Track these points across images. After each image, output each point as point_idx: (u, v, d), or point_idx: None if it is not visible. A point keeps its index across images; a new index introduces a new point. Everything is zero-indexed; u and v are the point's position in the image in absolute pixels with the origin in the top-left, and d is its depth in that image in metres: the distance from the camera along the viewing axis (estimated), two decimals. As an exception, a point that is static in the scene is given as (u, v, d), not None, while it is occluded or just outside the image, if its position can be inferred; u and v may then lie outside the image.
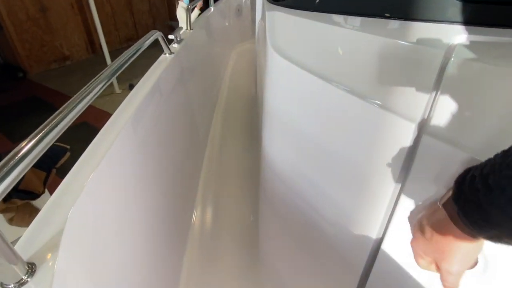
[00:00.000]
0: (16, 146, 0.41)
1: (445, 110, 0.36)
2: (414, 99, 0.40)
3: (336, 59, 0.53)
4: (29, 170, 0.41)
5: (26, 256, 0.41)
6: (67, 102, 0.53)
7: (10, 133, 2.81)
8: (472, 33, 0.37)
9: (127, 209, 0.67)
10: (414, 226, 0.39)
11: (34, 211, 1.43)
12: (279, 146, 0.76)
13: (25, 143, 0.41)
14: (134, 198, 0.70)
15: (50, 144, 0.45)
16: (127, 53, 0.82)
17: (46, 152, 0.44)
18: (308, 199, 0.67)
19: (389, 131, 0.44)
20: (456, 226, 0.31)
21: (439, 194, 0.37)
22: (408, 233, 0.43)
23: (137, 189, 0.72)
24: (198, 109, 1.51)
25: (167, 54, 1.14)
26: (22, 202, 1.38)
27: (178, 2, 2.47)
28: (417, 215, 0.39)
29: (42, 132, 0.44)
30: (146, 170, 0.78)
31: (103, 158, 0.57)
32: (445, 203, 0.33)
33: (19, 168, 0.39)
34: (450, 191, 0.32)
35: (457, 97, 0.35)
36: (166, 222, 0.92)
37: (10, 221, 1.37)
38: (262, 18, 1.00)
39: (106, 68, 0.71)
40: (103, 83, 0.65)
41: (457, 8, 0.38)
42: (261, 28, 1.03)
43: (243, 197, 1.34)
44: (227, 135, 1.75)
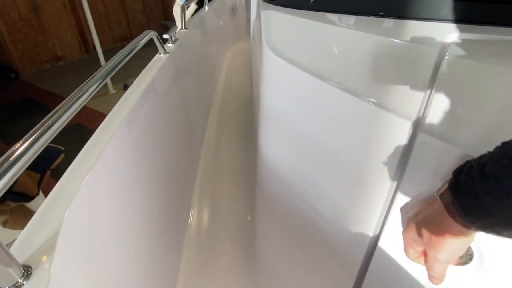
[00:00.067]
0: (9, 148, 0.41)
1: (440, 108, 0.36)
2: (409, 97, 0.40)
3: (331, 58, 0.53)
4: (23, 172, 0.40)
5: (21, 258, 0.41)
6: (61, 103, 0.53)
7: (3, 134, 2.77)
8: (465, 31, 0.37)
9: (123, 210, 0.66)
10: (409, 217, 0.39)
11: (29, 213, 1.41)
12: (276, 145, 0.76)
13: (19, 145, 0.41)
14: (130, 199, 0.70)
15: (45, 145, 0.44)
16: (122, 53, 0.81)
17: (40, 153, 0.44)
18: (304, 198, 0.67)
19: (385, 129, 0.44)
20: (450, 215, 0.31)
21: (436, 189, 0.37)
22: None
23: (133, 190, 0.72)
24: (193, 109, 1.51)
25: (162, 54, 1.14)
26: (16, 205, 1.37)
27: (175, 0, 2.45)
28: (412, 208, 0.39)
29: (37, 133, 0.43)
30: (141, 171, 0.78)
31: (98, 159, 0.57)
32: (441, 194, 0.33)
33: (13, 170, 0.38)
34: (447, 182, 0.33)
35: (451, 95, 0.35)
36: (163, 222, 0.92)
37: (4, 223, 1.35)
38: (257, 17, 1.00)
39: (100, 68, 0.71)
40: (98, 84, 0.64)
41: (450, 6, 0.38)
42: (256, 27, 1.03)
43: (240, 196, 1.34)
44: (223, 135, 1.74)
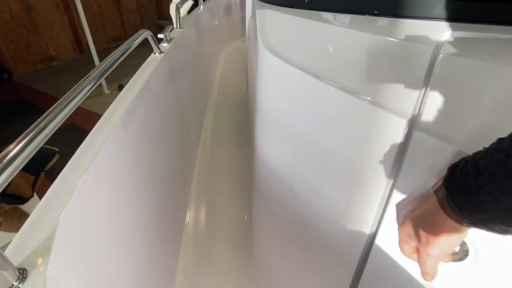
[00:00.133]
0: (3, 149, 0.40)
1: (434, 105, 0.37)
2: (404, 96, 0.40)
3: (327, 57, 0.53)
4: (17, 173, 0.40)
5: (16, 261, 0.40)
6: (56, 104, 0.52)
7: (-4, 135, 2.74)
8: (460, 29, 0.37)
9: (119, 211, 0.66)
10: (405, 213, 0.39)
11: (23, 216, 1.39)
12: (272, 144, 0.76)
13: (13, 146, 0.40)
14: (126, 200, 0.70)
15: (39, 147, 0.44)
16: (116, 53, 0.80)
17: (34, 155, 0.43)
18: (301, 196, 0.67)
19: (380, 127, 0.44)
20: (444, 211, 0.32)
21: (431, 186, 0.37)
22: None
23: (129, 190, 0.71)
24: (189, 108, 1.50)
25: (157, 54, 1.13)
26: (10, 207, 1.35)
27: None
28: (407, 204, 0.40)
29: (31, 134, 0.43)
30: (137, 172, 0.77)
31: (94, 160, 0.56)
32: (436, 190, 0.34)
33: (7, 171, 0.38)
34: (442, 179, 0.33)
35: (446, 92, 0.36)
36: (160, 223, 0.92)
37: (-2, 226, 1.34)
38: (253, 16, 1.00)
39: (95, 68, 0.70)
40: (92, 84, 0.64)
41: (444, 5, 0.39)
42: (251, 26, 1.03)
43: (236, 196, 1.34)
44: (219, 134, 1.74)
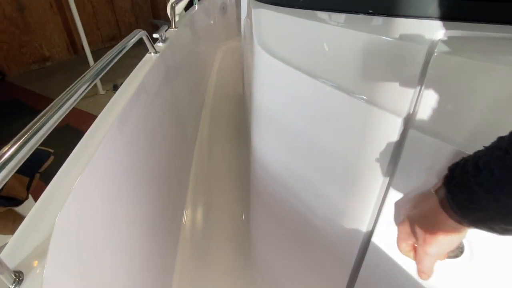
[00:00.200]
0: (-3, 151, 0.40)
1: (429, 104, 0.37)
2: (399, 94, 0.40)
3: (322, 56, 0.53)
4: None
5: (12, 264, 0.40)
6: (51, 105, 0.52)
7: (-10, 137, 2.71)
8: (454, 28, 0.38)
9: (116, 212, 0.66)
10: (404, 211, 0.39)
11: (18, 218, 1.38)
12: (269, 143, 0.76)
13: (7, 148, 0.40)
14: (122, 201, 0.69)
15: (34, 148, 0.43)
16: (111, 53, 0.80)
17: (29, 156, 0.43)
18: (298, 195, 0.68)
19: (376, 126, 0.44)
20: (444, 211, 0.31)
21: (430, 185, 0.37)
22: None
23: (125, 191, 0.71)
24: (185, 108, 1.50)
25: (152, 54, 1.12)
26: (4, 209, 1.34)
27: None
28: (407, 202, 0.39)
29: (25, 136, 0.42)
30: (134, 172, 0.77)
31: (90, 161, 0.56)
32: (437, 189, 0.34)
33: (2, 173, 0.37)
34: (443, 178, 0.33)
35: (440, 91, 0.36)
36: (157, 223, 0.91)
37: (-8, 229, 1.32)
38: (248, 16, 0.99)
39: (90, 68, 0.70)
40: (87, 84, 0.63)
41: (439, 4, 0.39)
42: (247, 26, 1.03)
43: (234, 195, 1.34)
44: (215, 134, 1.74)
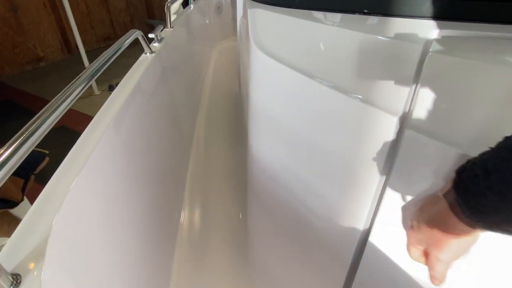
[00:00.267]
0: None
1: (425, 103, 0.37)
2: (395, 93, 0.41)
3: (318, 55, 0.54)
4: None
5: (10, 267, 0.40)
6: (46, 106, 0.51)
7: (-17, 139, 2.68)
8: (448, 28, 0.38)
9: (113, 213, 0.65)
10: (412, 215, 0.38)
11: (13, 220, 1.37)
12: (266, 143, 0.76)
13: (4, 150, 0.40)
14: (119, 201, 0.69)
15: (30, 150, 0.43)
16: (107, 53, 0.80)
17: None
18: (295, 194, 0.68)
19: (372, 125, 0.45)
20: (454, 215, 0.31)
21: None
22: (394, 223, 0.44)
23: (122, 192, 0.71)
24: (181, 108, 1.49)
25: (148, 54, 1.12)
26: (-1, 211, 1.33)
27: None
28: (415, 206, 0.39)
29: (21, 138, 0.42)
30: (131, 173, 0.77)
31: (86, 162, 0.56)
32: (446, 193, 0.33)
33: (-1, 176, 0.37)
34: (451, 182, 0.32)
35: (436, 90, 0.36)
36: (154, 224, 0.91)
37: (-12, 232, 1.31)
38: (244, 16, 0.99)
39: (85, 69, 0.69)
40: (83, 85, 0.63)
41: (433, 3, 0.39)
42: (243, 25, 1.03)
43: (231, 195, 1.34)
44: (212, 134, 1.74)
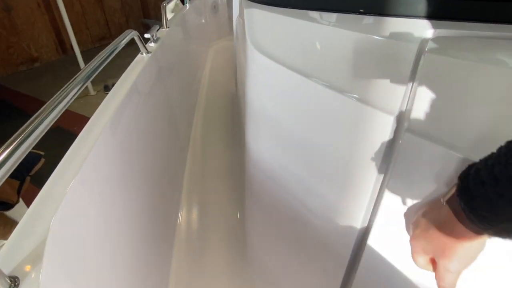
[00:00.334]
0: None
1: (421, 102, 0.38)
2: (391, 93, 0.41)
3: (314, 55, 0.54)
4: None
5: (7, 269, 0.40)
6: (43, 107, 0.51)
7: (-23, 141, 2.65)
8: (444, 27, 0.38)
9: (111, 214, 0.65)
10: (414, 224, 0.37)
11: (9, 222, 1.36)
12: (263, 142, 0.76)
13: (0, 152, 0.40)
14: (117, 203, 0.69)
15: (27, 151, 0.43)
16: (103, 54, 0.79)
17: (20, 159, 0.42)
18: (293, 193, 0.68)
19: (369, 125, 0.45)
20: (461, 223, 0.30)
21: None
22: (392, 222, 0.45)
23: (120, 193, 0.71)
24: (178, 108, 1.49)
25: (144, 54, 1.12)
26: (-5, 214, 1.31)
27: None
28: (416, 212, 0.38)
29: (18, 139, 0.42)
30: (128, 174, 0.76)
31: (83, 164, 0.56)
32: (449, 200, 0.32)
33: (-5, 178, 0.37)
34: (454, 188, 0.31)
35: (432, 89, 0.37)
36: (152, 225, 0.91)
37: (-17, 234, 1.30)
38: (240, 15, 0.99)
39: (82, 70, 0.69)
40: (79, 86, 0.63)
41: (429, 3, 0.39)
42: (239, 25, 1.03)
43: (229, 195, 1.34)
44: (209, 133, 1.74)
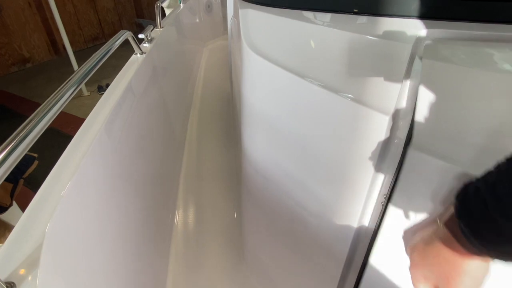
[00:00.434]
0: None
1: (416, 102, 0.38)
2: (386, 92, 0.41)
3: (309, 55, 0.54)
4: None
5: (4, 275, 0.39)
6: (38, 109, 0.51)
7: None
8: (438, 27, 0.39)
9: (108, 217, 0.65)
10: (411, 250, 0.35)
11: (3, 225, 1.34)
12: (259, 142, 0.76)
13: (-5, 155, 0.39)
14: (114, 205, 0.68)
15: (22, 154, 0.42)
16: (97, 55, 0.78)
17: (14, 162, 0.42)
18: (289, 193, 0.68)
19: (364, 124, 0.45)
20: (461, 246, 0.28)
21: (434, 212, 0.35)
22: (390, 221, 0.45)
23: (116, 195, 0.70)
24: (173, 109, 1.48)
25: (138, 54, 1.11)
26: (-12, 217, 1.30)
27: None
28: (412, 236, 0.36)
29: (13, 143, 0.41)
30: (124, 176, 0.76)
31: (79, 167, 0.55)
32: (447, 222, 0.30)
33: (-9, 182, 0.36)
34: (450, 208, 0.30)
35: (425, 88, 0.37)
36: (149, 226, 0.91)
37: (-23, 238, 1.28)
38: (235, 15, 0.99)
39: (76, 71, 0.68)
40: (74, 88, 0.62)
41: (423, 3, 0.40)
42: (234, 25, 1.03)
43: (225, 195, 1.34)
44: (204, 133, 1.73)
